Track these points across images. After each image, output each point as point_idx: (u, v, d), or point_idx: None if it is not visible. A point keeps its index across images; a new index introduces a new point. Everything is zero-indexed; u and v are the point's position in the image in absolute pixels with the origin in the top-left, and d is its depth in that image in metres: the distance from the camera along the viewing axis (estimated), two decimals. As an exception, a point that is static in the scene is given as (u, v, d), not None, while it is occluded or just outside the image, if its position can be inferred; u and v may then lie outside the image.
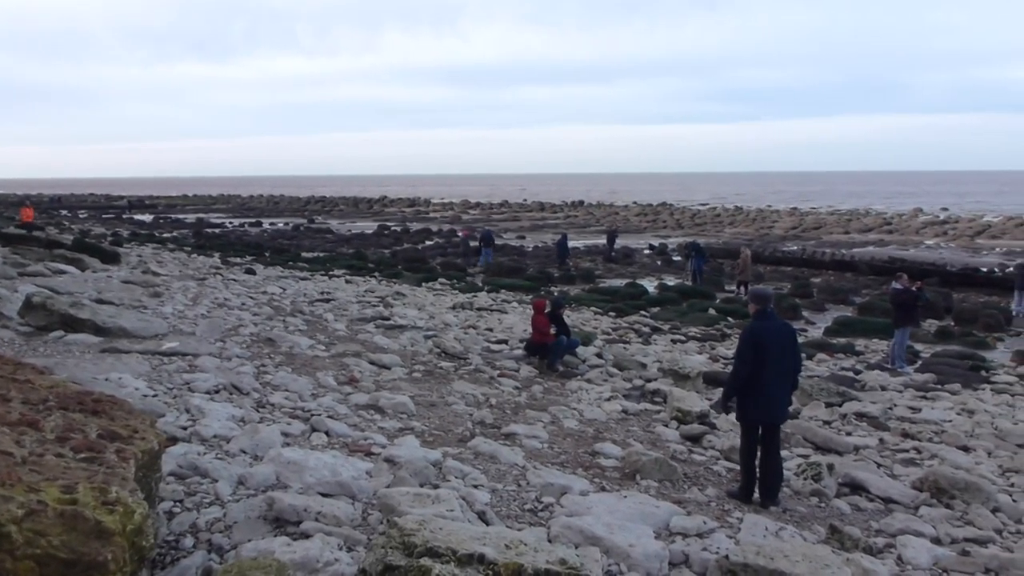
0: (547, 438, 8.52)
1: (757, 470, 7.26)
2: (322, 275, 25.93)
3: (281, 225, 60.36)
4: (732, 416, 7.65)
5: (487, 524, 5.47)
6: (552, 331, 12.84)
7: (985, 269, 33.89)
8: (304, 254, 35.44)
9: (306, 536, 4.81)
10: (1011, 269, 34.45)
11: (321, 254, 36.16)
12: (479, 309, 19.70)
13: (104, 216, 68.77)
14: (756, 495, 7.24)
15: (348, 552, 4.65)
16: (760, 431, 7.28)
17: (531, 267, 32.93)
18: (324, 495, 5.59)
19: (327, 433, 7.43)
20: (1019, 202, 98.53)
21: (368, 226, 59.28)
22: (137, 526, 3.43)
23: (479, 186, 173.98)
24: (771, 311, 7.34)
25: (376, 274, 28.31)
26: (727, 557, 5.04)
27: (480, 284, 27.10)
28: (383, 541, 3.97)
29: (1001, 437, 10.57)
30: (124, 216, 69.49)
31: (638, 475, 7.45)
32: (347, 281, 24.32)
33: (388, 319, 15.64)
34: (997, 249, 46.64)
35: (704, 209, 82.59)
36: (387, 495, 5.43)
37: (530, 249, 42.80)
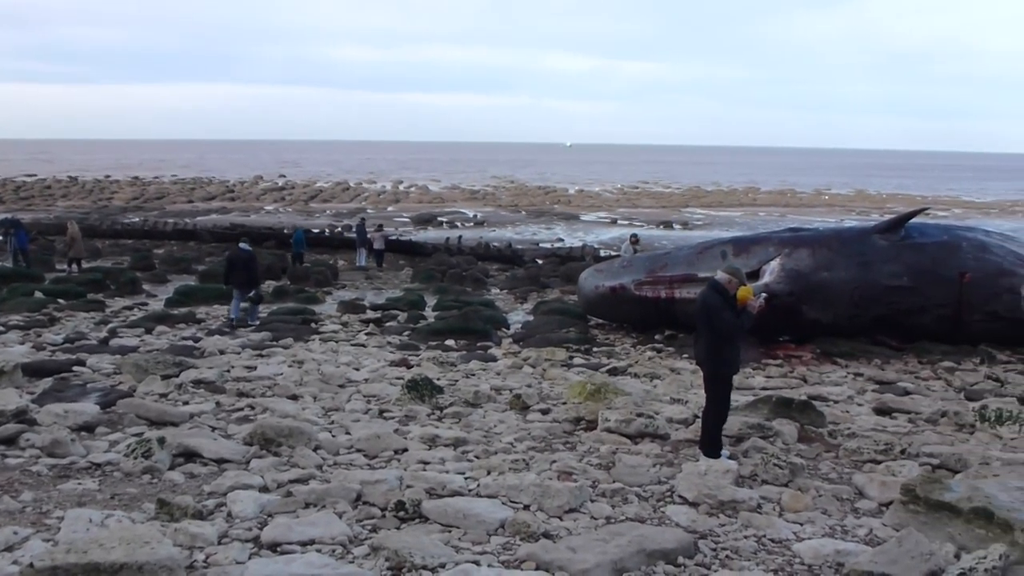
0: None
1: None
2: None
3: None
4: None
5: None
6: None
7: (317, 230, 37.25)
8: None
9: None
10: (345, 228, 38.54)
11: None
12: None
13: None
14: None
15: None
16: None
17: None
18: None
19: None
20: (344, 168, 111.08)
21: None
22: None
23: None
24: None
25: None
26: (31, 565, 4.57)
27: None
28: None
29: (326, 381, 11.70)
30: None
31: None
32: None
33: None
34: (328, 211, 52.10)
35: (32, 181, 74.45)
36: None
37: None
